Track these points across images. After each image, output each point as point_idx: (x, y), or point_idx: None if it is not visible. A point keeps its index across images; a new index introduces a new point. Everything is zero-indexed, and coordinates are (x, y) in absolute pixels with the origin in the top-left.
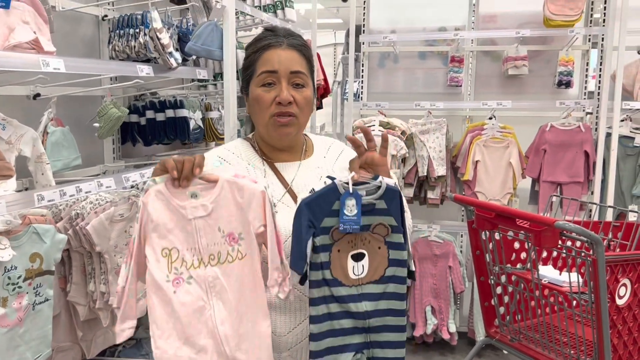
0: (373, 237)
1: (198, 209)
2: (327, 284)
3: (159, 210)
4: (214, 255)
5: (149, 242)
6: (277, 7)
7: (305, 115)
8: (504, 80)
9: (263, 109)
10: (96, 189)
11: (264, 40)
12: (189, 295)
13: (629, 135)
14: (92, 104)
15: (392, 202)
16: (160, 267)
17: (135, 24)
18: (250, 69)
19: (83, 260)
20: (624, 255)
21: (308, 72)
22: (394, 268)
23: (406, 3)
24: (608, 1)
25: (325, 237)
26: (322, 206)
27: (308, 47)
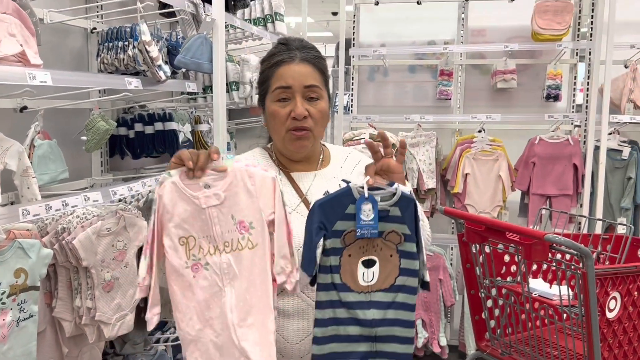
0: (385, 244)
1: (211, 198)
2: (335, 288)
3: (174, 201)
4: (227, 243)
5: (166, 232)
6: (268, 21)
7: (321, 127)
8: (493, 94)
9: (279, 124)
10: (83, 203)
11: (277, 56)
12: (206, 281)
13: (616, 148)
14: (79, 117)
15: (407, 210)
16: (179, 255)
17: (124, 36)
18: (265, 85)
19: (69, 275)
20: (613, 269)
21: (322, 84)
22: (405, 277)
23: (395, 17)
24: (595, 16)
25: (337, 241)
26: (335, 209)
27: (322, 58)
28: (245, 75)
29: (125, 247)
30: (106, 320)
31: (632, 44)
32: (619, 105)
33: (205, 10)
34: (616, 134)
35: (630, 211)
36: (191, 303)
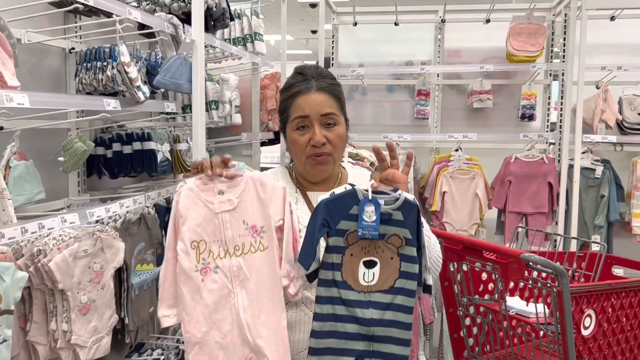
0: (387, 246)
1: (225, 203)
2: (336, 285)
3: (188, 206)
4: (238, 246)
5: (180, 237)
6: (247, 40)
7: (339, 151)
8: (469, 113)
9: (299, 151)
10: (60, 225)
11: (295, 87)
12: (215, 284)
13: (590, 167)
14: (57, 137)
15: (410, 215)
16: (190, 258)
17: (103, 57)
18: (285, 114)
19: (44, 298)
20: (588, 286)
21: (338, 110)
22: (405, 280)
23: (374, 38)
24: (567, 38)
25: (339, 239)
26: (339, 208)
27: (337, 84)
28: (225, 95)
29: (102, 268)
30: (82, 343)
31: (602, 66)
32: (591, 125)
33: (184, 31)
34: (589, 153)
35: (604, 229)
36: (198, 306)
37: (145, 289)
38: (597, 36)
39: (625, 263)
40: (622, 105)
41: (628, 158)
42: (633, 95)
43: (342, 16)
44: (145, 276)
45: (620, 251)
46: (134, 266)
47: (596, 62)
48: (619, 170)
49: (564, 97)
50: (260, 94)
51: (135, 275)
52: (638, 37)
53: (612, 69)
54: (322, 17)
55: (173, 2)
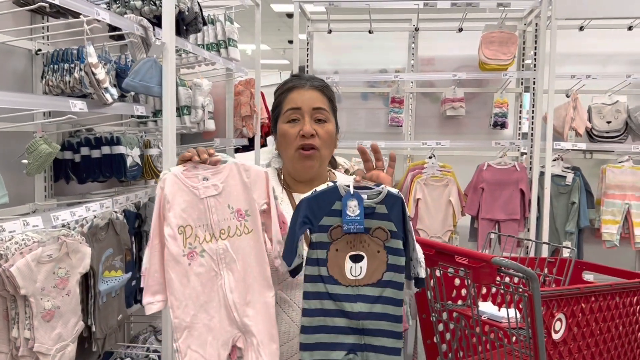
0: (373, 240)
1: (210, 188)
2: (322, 281)
3: (174, 192)
4: (224, 230)
5: (166, 222)
6: (221, 46)
7: (328, 149)
8: (443, 121)
9: (289, 143)
10: (22, 228)
11: (289, 83)
12: (202, 267)
13: (560, 174)
14: (22, 140)
15: (394, 208)
16: (177, 243)
17: (71, 58)
18: (278, 108)
19: (6, 304)
20: (558, 290)
21: (330, 110)
22: (392, 273)
23: (348, 46)
24: (538, 47)
25: (323, 235)
26: (321, 205)
27: (330, 88)
28: (198, 100)
29: (68, 274)
30: (45, 351)
31: (572, 75)
32: (561, 132)
33: (155, 34)
34: (560, 161)
35: (575, 235)
36: (186, 290)
37: (113, 296)
38: (567, 46)
39: (595, 268)
40: (592, 113)
41: (597, 165)
42: (602, 104)
43: (317, 24)
44: (113, 283)
45: (590, 257)
46: (102, 272)
47: (566, 71)
48: (589, 177)
49: (535, 105)
50: (235, 100)
51: (103, 282)
52: (606, 47)
53: (582, 77)
54: (297, 24)
55: (144, 5)
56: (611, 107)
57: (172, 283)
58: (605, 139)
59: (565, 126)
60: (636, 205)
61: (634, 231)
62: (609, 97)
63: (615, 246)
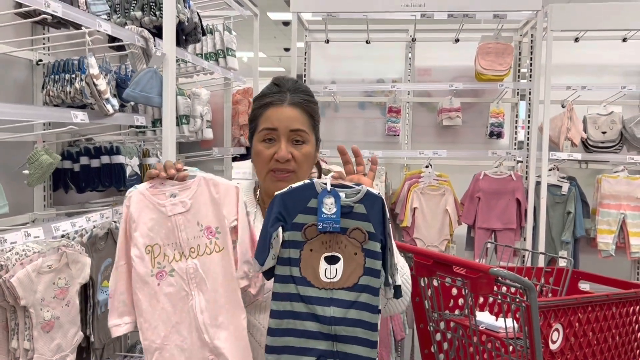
0: (350, 241)
1: (177, 205)
2: (293, 282)
3: (140, 210)
4: (194, 248)
5: (133, 242)
6: (219, 56)
7: (305, 171)
8: (439, 131)
9: (262, 164)
10: (23, 239)
11: (267, 97)
12: (172, 287)
13: (556, 184)
14: (22, 150)
15: (373, 208)
16: (145, 263)
17: (72, 69)
18: (253, 123)
19: (6, 315)
20: (555, 301)
21: (310, 128)
22: (369, 277)
23: (345, 55)
24: (534, 58)
25: (297, 234)
26: (296, 201)
27: (313, 102)
28: (196, 109)
29: (67, 284)
30: None
31: (568, 85)
32: (557, 143)
33: (155, 45)
34: (556, 170)
35: (571, 244)
36: (156, 311)
37: None
38: (562, 57)
39: (591, 278)
40: (587, 124)
41: (593, 175)
42: (597, 114)
43: (315, 33)
44: None
45: (586, 266)
46: (101, 282)
47: (562, 81)
48: (585, 187)
49: (531, 115)
50: (232, 109)
51: (102, 292)
52: (601, 58)
53: (577, 88)
54: (295, 34)
55: (144, 16)
56: (606, 117)
57: (140, 304)
58: (601, 149)
59: (560, 136)
60: (632, 215)
61: (629, 241)
62: (604, 108)
63: (611, 256)
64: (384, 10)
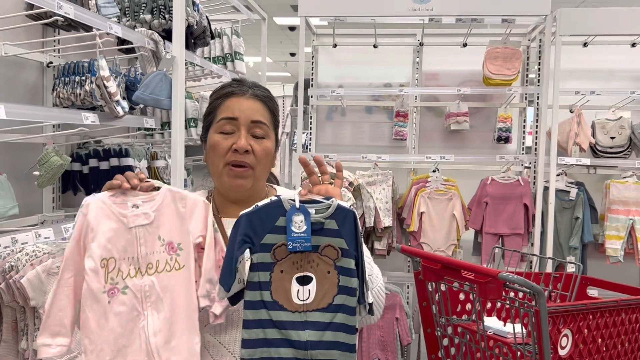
0: (322, 259)
1: (139, 217)
2: (265, 307)
3: (99, 218)
4: (152, 264)
5: (88, 254)
6: (227, 59)
7: (264, 168)
8: (447, 135)
9: (218, 156)
10: (34, 240)
11: (227, 88)
12: (123, 306)
13: (564, 189)
14: (32, 152)
15: (345, 223)
16: (98, 278)
17: (82, 71)
18: (210, 116)
19: (15, 315)
20: (564, 306)
21: (271, 125)
22: (344, 296)
23: (353, 60)
24: (542, 63)
25: (266, 255)
26: (264, 221)
27: (274, 100)
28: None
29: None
30: None
31: (576, 90)
32: (565, 148)
33: (165, 48)
34: (564, 176)
35: (579, 250)
36: (103, 332)
37: None
38: (571, 62)
39: (600, 284)
40: (595, 129)
41: (601, 181)
42: (605, 119)
43: (322, 38)
44: None
45: (594, 272)
46: None
47: (570, 86)
48: (593, 192)
49: (539, 120)
50: None
51: None
52: (609, 63)
53: (586, 93)
54: (303, 38)
55: (154, 19)
56: (615, 122)
57: (88, 323)
58: (609, 154)
59: (569, 141)
60: None
61: (638, 247)
62: (612, 113)
63: (619, 262)
64: (392, 15)
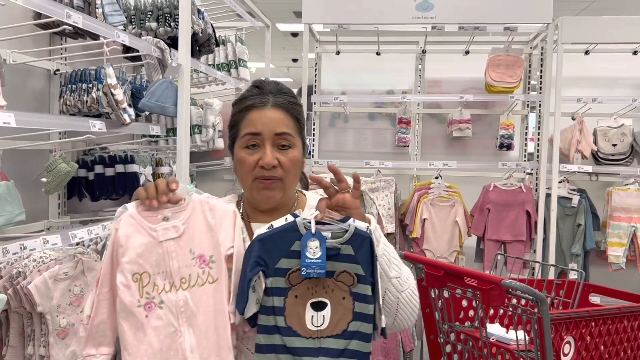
0: (337, 285)
1: (169, 230)
2: (278, 332)
3: (129, 235)
4: (185, 279)
5: (119, 269)
6: (231, 66)
7: (293, 177)
8: (449, 142)
9: (246, 172)
10: (41, 246)
11: (248, 100)
12: (160, 321)
13: (566, 196)
14: (38, 158)
15: (361, 249)
16: (132, 292)
17: (89, 79)
18: (234, 129)
19: (22, 321)
20: (567, 313)
21: (296, 132)
22: (359, 323)
23: (356, 67)
24: (544, 70)
25: (280, 280)
26: (278, 245)
27: (297, 104)
28: (209, 119)
29: (83, 291)
30: None
31: (578, 98)
32: (567, 155)
33: (171, 55)
34: (566, 183)
35: (581, 257)
36: (142, 345)
37: None
38: (573, 69)
39: (602, 291)
40: (597, 136)
41: (603, 188)
42: (607, 127)
43: (325, 45)
44: None
45: (596, 279)
46: None
47: (572, 94)
48: (595, 199)
49: (541, 127)
50: None
51: None
52: (611, 71)
53: (587, 101)
54: (306, 45)
55: (159, 27)
56: (617, 130)
57: (125, 336)
58: (611, 161)
59: (571, 148)
60: None
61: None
62: (614, 120)
63: (621, 269)
64: (395, 22)
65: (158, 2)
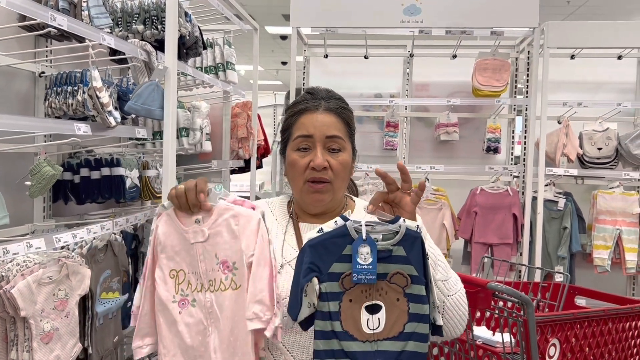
0: (390, 287)
1: (198, 233)
2: (336, 337)
3: (167, 233)
4: (212, 281)
5: (158, 264)
6: (219, 69)
7: (342, 181)
8: (437, 145)
9: (297, 174)
10: (25, 250)
11: (301, 104)
12: (191, 318)
13: (553, 199)
14: (23, 161)
15: (413, 249)
16: (168, 288)
17: (74, 81)
18: (287, 132)
19: (5, 326)
20: (552, 316)
21: (346, 136)
22: (415, 324)
23: (344, 70)
24: (530, 75)
25: (334, 284)
26: (330, 249)
27: (348, 110)
28: (196, 122)
29: (67, 296)
30: None
31: (564, 102)
32: (553, 158)
33: (157, 58)
34: (552, 186)
35: (567, 259)
36: (176, 339)
37: (110, 318)
38: (559, 73)
39: (588, 293)
40: (583, 140)
41: (589, 191)
42: (593, 130)
43: (314, 48)
44: (110, 305)
45: (582, 282)
46: (99, 294)
47: (558, 98)
48: (581, 202)
49: (527, 131)
50: (231, 122)
51: (100, 304)
52: (596, 75)
53: (573, 105)
54: (294, 48)
55: (146, 29)
56: (602, 134)
57: (160, 329)
58: (597, 165)
59: (557, 152)
60: (627, 231)
61: (625, 256)
62: (599, 124)
63: (606, 271)
64: (383, 26)
65: (145, 5)
